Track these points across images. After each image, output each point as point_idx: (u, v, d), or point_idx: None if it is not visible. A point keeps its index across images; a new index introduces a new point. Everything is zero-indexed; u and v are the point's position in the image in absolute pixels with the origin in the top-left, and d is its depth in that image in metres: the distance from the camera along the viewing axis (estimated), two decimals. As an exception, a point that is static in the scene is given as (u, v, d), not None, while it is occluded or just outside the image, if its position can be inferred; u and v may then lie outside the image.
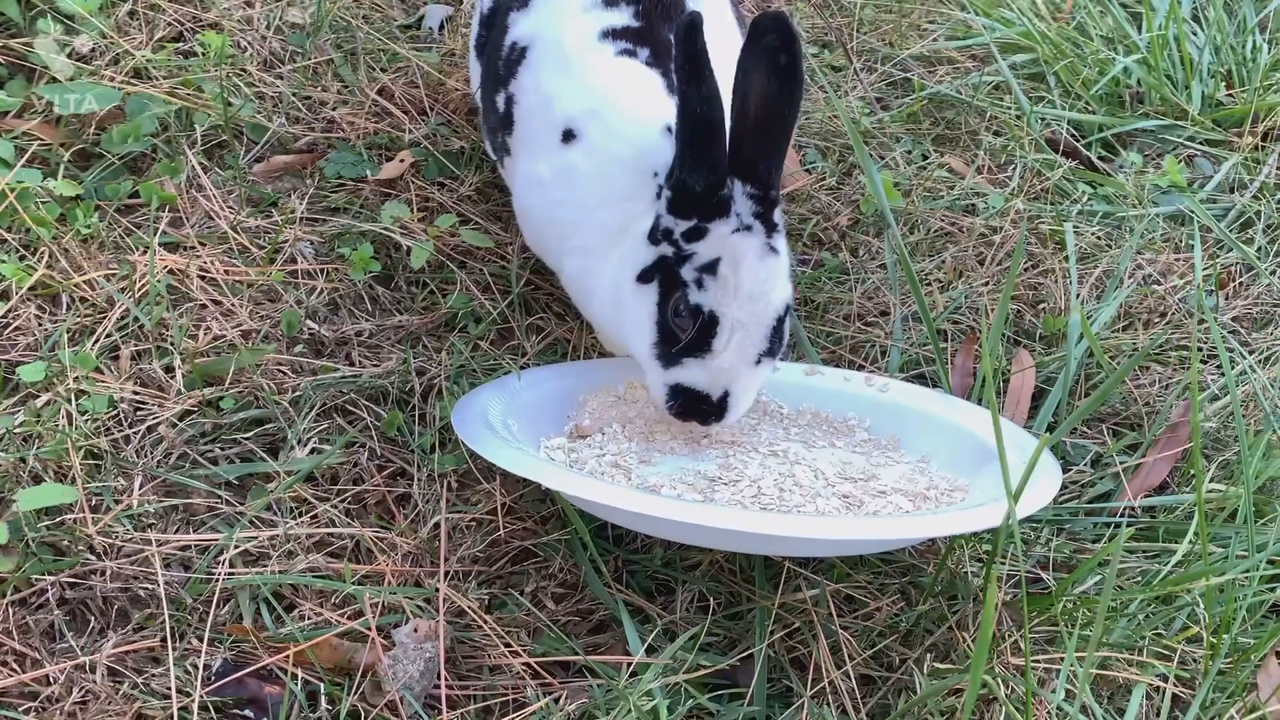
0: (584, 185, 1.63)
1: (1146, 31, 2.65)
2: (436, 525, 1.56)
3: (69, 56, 2.09)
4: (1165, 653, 1.49)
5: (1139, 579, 1.60)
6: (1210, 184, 2.38)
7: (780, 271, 1.52)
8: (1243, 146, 2.47)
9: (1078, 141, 2.46)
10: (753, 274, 1.48)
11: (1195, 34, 2.74)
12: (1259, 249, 2.23)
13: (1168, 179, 2.35)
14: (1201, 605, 1.49)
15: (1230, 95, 2.63)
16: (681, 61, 1.40)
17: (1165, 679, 1.45)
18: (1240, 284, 2.16)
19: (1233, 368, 1.91)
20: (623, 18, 1.69)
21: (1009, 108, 2.49)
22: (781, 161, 1.51)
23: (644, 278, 1.53)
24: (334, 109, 2.19)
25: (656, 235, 1.53)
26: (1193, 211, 2.26)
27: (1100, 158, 2.45)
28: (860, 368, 1.92)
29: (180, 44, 2.21)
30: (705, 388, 1.52)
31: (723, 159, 1.48)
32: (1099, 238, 2.21)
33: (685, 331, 1.49)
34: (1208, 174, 2.42)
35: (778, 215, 1.53)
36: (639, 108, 1.62)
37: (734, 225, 1.48)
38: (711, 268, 1.48)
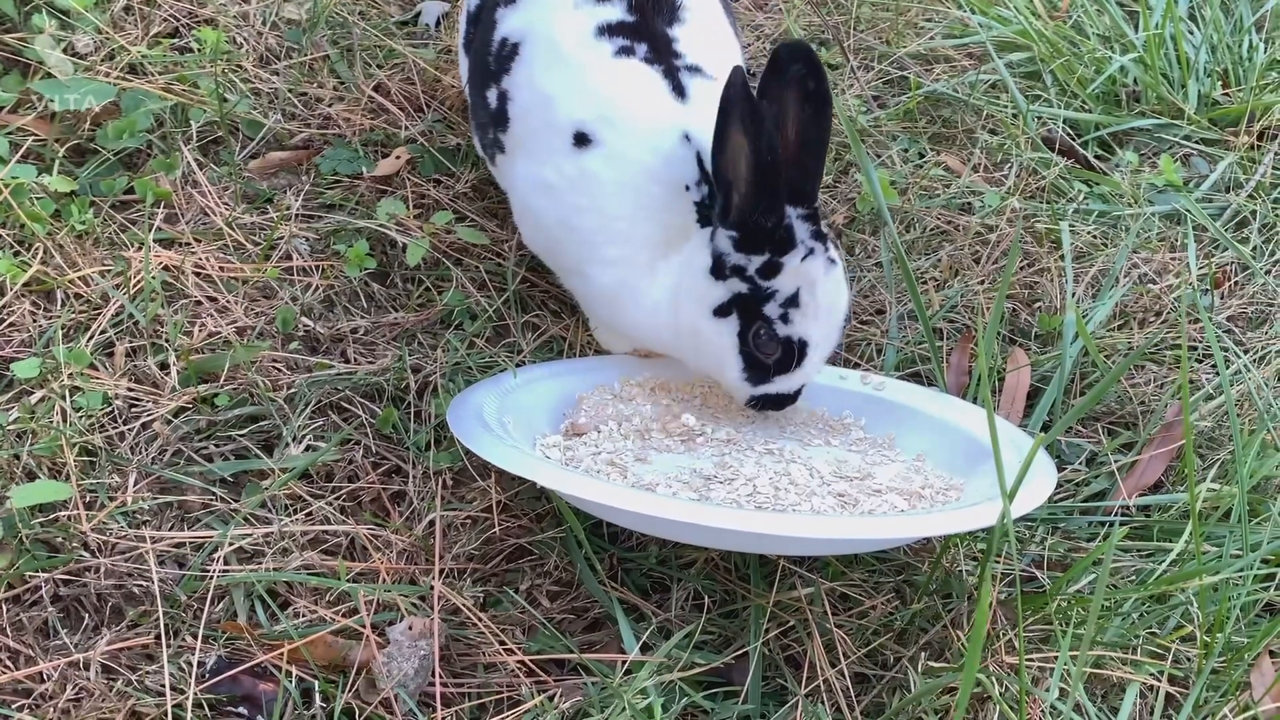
0: (612, 195, 1.63)
1: (1143, 30, 2.65)
2: (431, 523, 1.56)
3: (64, 52, 2.09)
4: (1159, 652, 1.49)
5: (1133, 578, 1.60)
6: (1206, 183, 2.38)
7: (842, 279, 1.63)
8: (1238, 145, 2.48)
9: (1074, 140, 2.46)
10: (825, 292, 1.59)
11: (1192, 33, 2.75)
12: (1254, 248, 2.23)
13: (1163, 178, 2.35)
14: (1195, 604, 1.49)
15: (1226, 94, 2.63)
16: (740, 113, 1.46)
17: (1159, 678, 1.46)
18: (1235, 283, 2.17)
19: (1227, 367, 1.91)
20: (616, 12, 1.68)
21: (1005, 106, 2.49)
22: (821, 178, 1.61)
23: (720, 313, 1.60)
24: (330, 105, 2.18)
25: (725, 271, 1.58)
26: (1188, 210, 2.27)
27: (1096, 156, 2.45)
28: (856, 366, 1.92)
29: (176, 39, 2.21)
30: (787, 390, 1.64)
31: (784, 193, 1.55)
32: (1095, 236, 2.21)
33: (771, 356, 1.60)
34: (1203, 173, 2.43)
35: (824, 226, 1.62)
36: (653, 114, 1.63)
37: (802, 253, 1.57)
38: (794, 300, 1.58)
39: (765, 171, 1.50)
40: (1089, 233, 2.21)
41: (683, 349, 1.69)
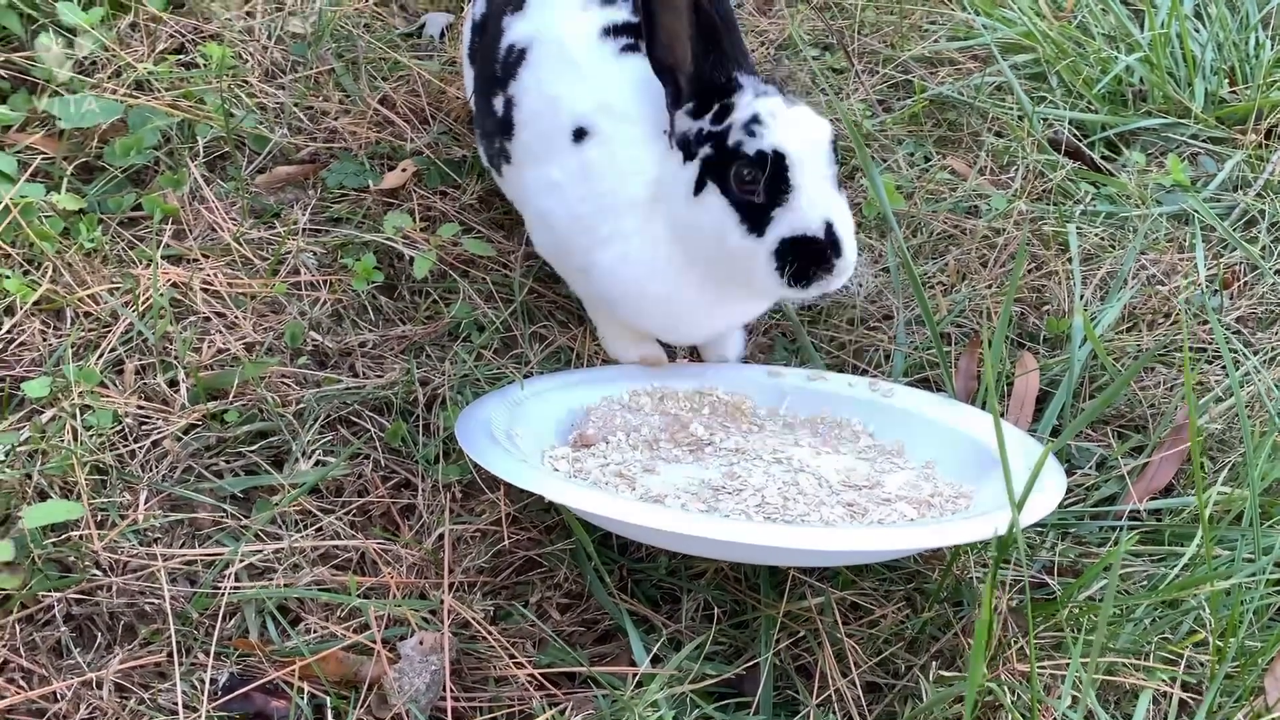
0: (603, 173, 1.64)
1: (1148, 29, 2.64)
2: (441, 536, 1.56)
3: (71, 70, 2.10)
4: (1172, 658, 1.49)
5: (1145, 583, 1.59)
6: (1214, 182, 2.37)
7: (811, 112, 1.56)
8: (1246, 144, 2.46)
9: (1080, 141, 2.45)
10: (790, 115, 1.53)
11: (1198, 31, 2.74)
12: (1263, 248, 2.22)
13: (1171, 178, 2.35)
14: (1207, 610, 1.49)
15: (1233, 92, 2.62)
16: None
17: (1172, 684, 1.45)
18: (1245, 283, 2.16)
19: (1236, 369, 1.90)
20: (621, 13, 1.70)
21: (1011, 108, 2.49)
22: (745, 48, 1.62)
23: (698, 189, 1.55)
24: (336, 119, 2.19)
25: (691, 148, 1.57)
26: (1196, 211, 2.26)
27: (1103, 157, 2.44)
28: (864, 372, 1.92)
29: (182, 55, 2.22)
30: (806, 228, 1.51)
31: (732, 47, 1.55)
32: (1102, 238, 2.21)
33: (758, 183, 1.50)
34: (1211, 172, 2.42)
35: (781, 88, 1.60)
36: (647, 93, 1.63)
37: (752, 93, 1.56)
38: (755, 120, 1.52)
39: (717, 20, 1.51)
40: (1096, 234, 2.21)
41: (697, 261, 1.60)
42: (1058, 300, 2.06)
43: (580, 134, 1.66)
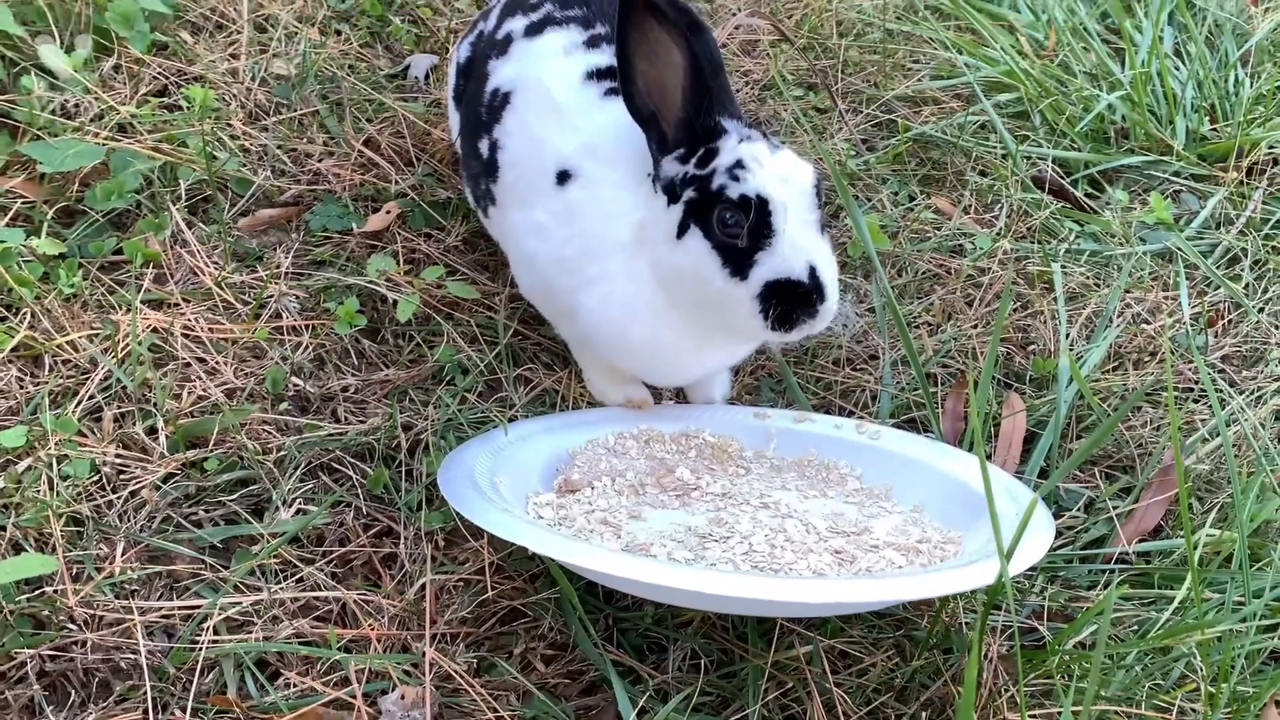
0: (586, 213, 1.64)
1: (1129, 68, 2.66)
2: (424, 586, 1.54)
3: (53, 114, 2.09)
4: (1164, 705, 1.47)
5: (1135, 628, 1.58)
6: (1197, 220, 2.38)
7: (795, 157, 1.57)
8: (1228, 181, 2.48)
9: (1064, 179, 2.46)
10: (774, 161, 1.53)
11: (1178, 69, 2.76)
12: (1246, 285, 2.23)
13: (1154, 215, 2.35)
14: (1198, 656, 1.47)
15: (1214, 129, 2.64)
16: (683, 25, 1.48)
17: (1164, 732, 1.43)
18: (1229, 321, 2.16)
19: (1223, 408, 1.90)
20: (604, 57, 1.70)
21: (995, 147, 2.50)
22: (731, 93, 1.61)
23: (681, 232, 1.55)
24: (320, 161, 2.18)
25: (676, 192, 1.57)
26: (1179, 249, 2.26)
27: (1086, 195, 2.45)
28: (851, 414, 1.91)
29: (165, 98, 2.21)
30: (789, 272, 1.51)
31: (719, 91, 1.56)
32: (1087, 277, 2.21)
33: (741, 227, 1.50)
34: (1194, 209, 2.43)
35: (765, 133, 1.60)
36: (629, 137, 1.63)
37: (737, 137, 1.55)
38: (739, 164, 1.52)
39: (707, 68, 1.51)
40: (1081, 273, 2.21)
41: (688, 305, 1.59)
42: (1043, 340, 2.06)
43: (564, 176, 1.66)
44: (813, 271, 1.52)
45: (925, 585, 1.36)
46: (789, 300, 1.52)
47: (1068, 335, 2.05)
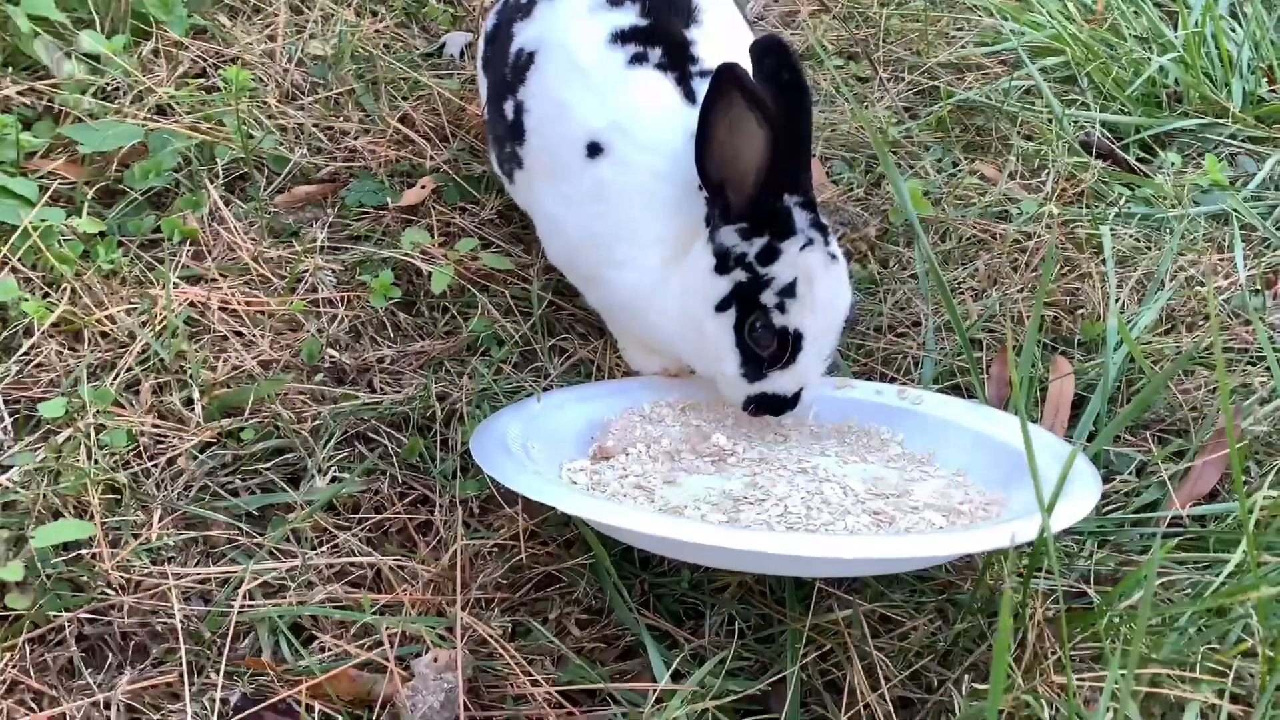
0: (621, 198, 1.63)
1: (1182, 29, 2.58)
2: (457, 552, 1.53)
3: (94, 96, 2.12)
4: (1219, 669, 1.42)
5: (1189, 591, 1.53)
6: (1254, 181, 2.30)
7: (844, 277, 1.60)
8: (1287, 142, 2.40)
9: (1113, 144, 2.40)
10: (824, 286, 1.56)
11: (1233, 30, 2.67)
12: (1307, 246, 2.15)
13: (1208, 178, 2.28)
14: (1255, 618, 1.42)
15: (1273, 91, 2.55)
16: (746, 102, 1.47)
17: (1220, 696, 1.38)
18: (1289, 283, 2.08)
19: (1282, 369, 1.83)
20: (629, 17, 1.68)
21: (1040, 112, 2.44)
22: (810, 169, 1.60)
23: (721, 307, 1.58)
24: (355, 138, 2.18)
25: (728, 263, 1.57)
26: (1235, 210, 2.19)
27: (1138, 159, 2.38)
28: (893, 380, 1.87)
29: (204, 80, 2.23)
30: (786, 391, 1.61)
31: (797, 169, 1.57)
32: (1138, 240, 2.14)
33: (769, 350, 1.57)
34: (1250, 172, 2.35)
35: (823, 218, 1.60)
36: (662, 120, 1.62)
37: (801, 241, 1.55)
38: (791, 290, 1.55)
39: (781, 148, 1.51)
40: (1132, 236, 2.15)
41: (688, 349, 1.67)
42: (1092, 304, 2.00)
43: (594, 149, 1.65)
44: (799, 392, 1.61)
45: (960, 542, 1.32)
46: (769, 405, 1.62)
47: (1118, 300, 1.99)
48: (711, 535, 1.29)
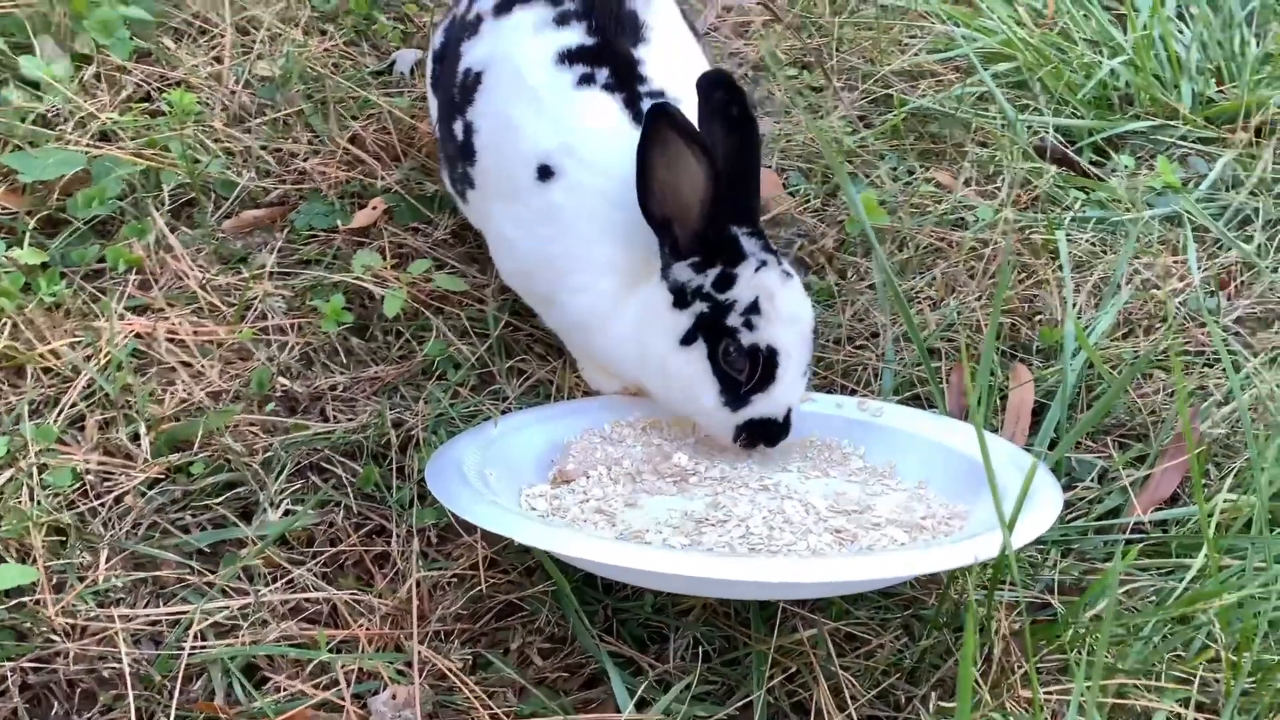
0: (575, 223, 1.62)
1: (1131, 32, 2.60)
2: (416, 584, 1.50)
3: (34, 123, 2.07)
4: (1185, 676, 1.41)
5: (1153, 599, 1.52)
6: (1205, 182, 2.32)
7: (801, 290, 1.59)
8: (1237, 142, 2.41)
9: (1067, 148, 2.40)
10: (786, 300, 1.56)
11: (1181, 32, 2.69)
12: (1259, 246, 2.17)
13: (1161, 180, 2.29)
14: (1218, 625, 1.42)
15: (1221, 91, 2.57)
16: (682, 139, 1.47)
17: (1186, 704, 1.38)
18: (1242, 283, 2.10)
19: (1237, 371, 1.84)
20: (576, 35, 1.67)
21: (994, 118, 2.44)
22: (759, 200, 1.61)
23: (687, 340, 1.57)
24: (305, 160, 2.15)
25: (686, 298, 1.56)
26: (1188, 212, 2.20)
27: (1092, 163, 2.39)
28: (853, 392, 1.86)
29: (148, 104, 2.19)
30: (774, 414, 1.58)
31: (745, 201, 1.57)
32: (1094, 244, 2.15)
33: (744, 372, 1.55)
34: (1202, 172, 2.36)
35: (771, 244, 1.60)
36: (612, 143, 1.61)
37: (755, 264, 1.55)
38: (755, 307, 1.54)
39: (724, 182, 1.51)
40: (1087, 240, 2.15)
41: (653, 387, 1.65)
42: (1050, 309, 2.01)
43: (545, 172, 1.63)
44: (788, 413, 1.58)
45: (922, 561, 1.31)
46: (761, 433, 1.58)
47: (1075, 304, 1.99)
48: (671, 563, 1.27)
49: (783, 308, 1.55)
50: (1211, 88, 2.57)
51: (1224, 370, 1.87)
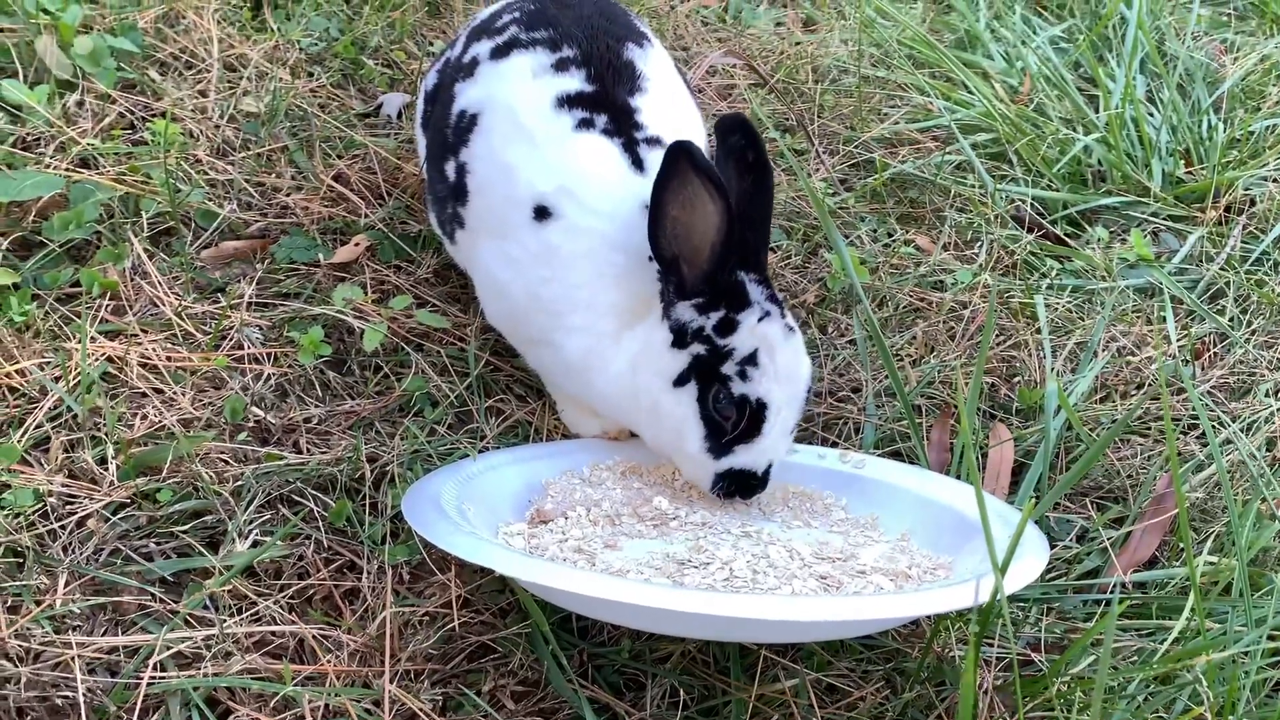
0: (572, 264, 1.61)
1: (1104, 111, 2.66)
2: (386, 620, 1.45)
3: (13, 145, 2.04)
4: (1169, 737, 1.40)
5: (1135, 658, 1.51)
6: (1177, 256, 2.36)
7: (802, 348, 1.59)
8: (1207, 220, 2.46)
9: (1043, 219, 2.44)
10: (785, 356, 1.55)
11: (1152, 114, 2.77)
12: (1231, 319, 2.20)
13: (1134, 252, 2.33)
14: (1204, 683, 1.40)
15: (1190, 172, 2.63)
16: (699, 178, 1.47)
17: (1171, 765, 1.36)
18: (1215, 354, 2.12)
19: (1215, 435, 1.85)
20: (575, 82, 1.67)
21: (973, 185, 2.48)
22: (768, 246, 1.61)
23: (680, 381, 1.56)
24: (288, 194, 2.13)
25: (685, 338, 1.55)
26: (1162, 284, 2.23)
27: (1067, 234, 2.43)
28: (834, 445, 1.85)
29: (131, 132, 2.17)
30: (755, 467, 1.57)
31: (754, 245, 1.56)
32: (1070, 310, 2.17)
33: (730, 421, 1.54)
34: (1172, 248, 2.41)
35: (779, 295, 1.59)
36: (611, 187, 1.61)
37: (759, 313, 1.54)
38: (753, 358, 1.53)
39: (736, 225, 1.50)
40: (1065, 305, 2.18)
41: (642, 425, 1.63)
42: (1028, 371, 2.02)
43: (542, 213, 1.62)
44: (768, 468, 1.58)
45: (914, 603, 1.29)
46: (739, 484, 1.58)
47: (1053, 368, 2.00)
48: (659, 597, 1.23)
49: (782, 364, 1.55)
50: (1180, 169, 2.63)
51: (1200, 436, 1.89)
